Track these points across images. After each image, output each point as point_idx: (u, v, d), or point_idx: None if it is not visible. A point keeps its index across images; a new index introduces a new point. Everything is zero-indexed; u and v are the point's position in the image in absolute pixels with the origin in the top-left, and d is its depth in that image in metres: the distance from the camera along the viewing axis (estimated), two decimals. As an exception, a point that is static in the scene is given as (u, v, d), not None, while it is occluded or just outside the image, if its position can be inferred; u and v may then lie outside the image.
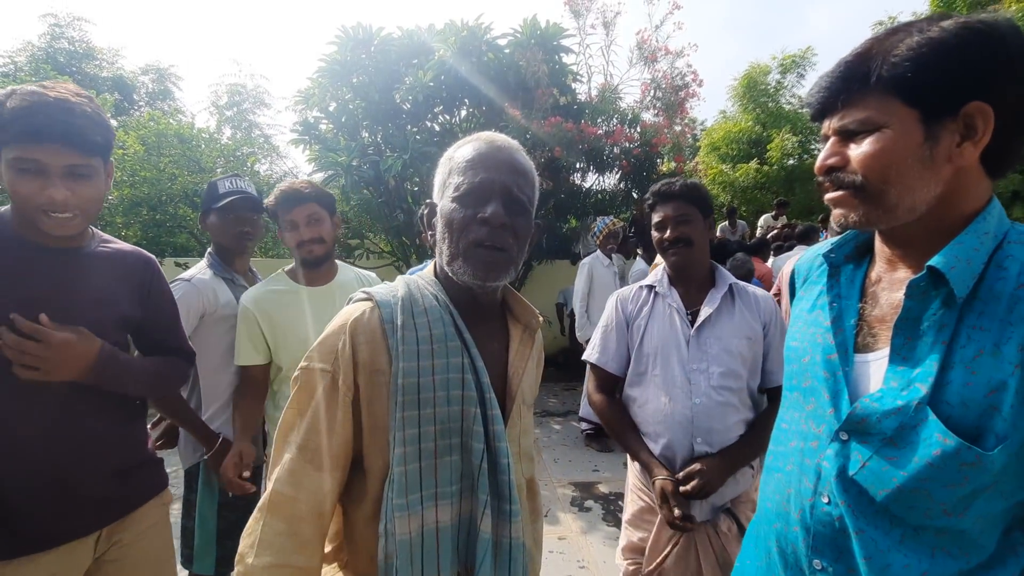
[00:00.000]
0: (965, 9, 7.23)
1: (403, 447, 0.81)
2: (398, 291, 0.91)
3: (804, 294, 0.99)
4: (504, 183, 0.88)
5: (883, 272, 0.86)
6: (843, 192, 0.79)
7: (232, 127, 7.99)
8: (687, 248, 1.61)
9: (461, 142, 0.95)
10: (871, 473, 0.75)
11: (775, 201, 8.50)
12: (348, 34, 5.70)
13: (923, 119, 0.72)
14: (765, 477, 0.96)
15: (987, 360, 0.69)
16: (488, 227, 0.85)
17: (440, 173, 0.94)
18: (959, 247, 0.73)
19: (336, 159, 5.41)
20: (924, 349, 0.74)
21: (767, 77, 11.38)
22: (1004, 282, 0.71)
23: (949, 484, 0.69)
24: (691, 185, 1.65)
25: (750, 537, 1.02)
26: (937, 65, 0.70)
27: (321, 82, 5.93)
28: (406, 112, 5.97)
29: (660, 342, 1.62)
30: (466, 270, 0.87)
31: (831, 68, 0.79)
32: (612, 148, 5.94)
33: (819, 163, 0.82)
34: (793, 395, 0.93)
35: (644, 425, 1.63)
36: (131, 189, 5.20)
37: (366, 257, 7.10)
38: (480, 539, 0.83)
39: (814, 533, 0.81)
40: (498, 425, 0.87)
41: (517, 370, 0.97)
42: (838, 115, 0.78)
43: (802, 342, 0.92)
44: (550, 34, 5.76)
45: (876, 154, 0.74)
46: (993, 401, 0.68)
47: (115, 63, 13.15)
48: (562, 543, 3.03)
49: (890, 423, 0.73)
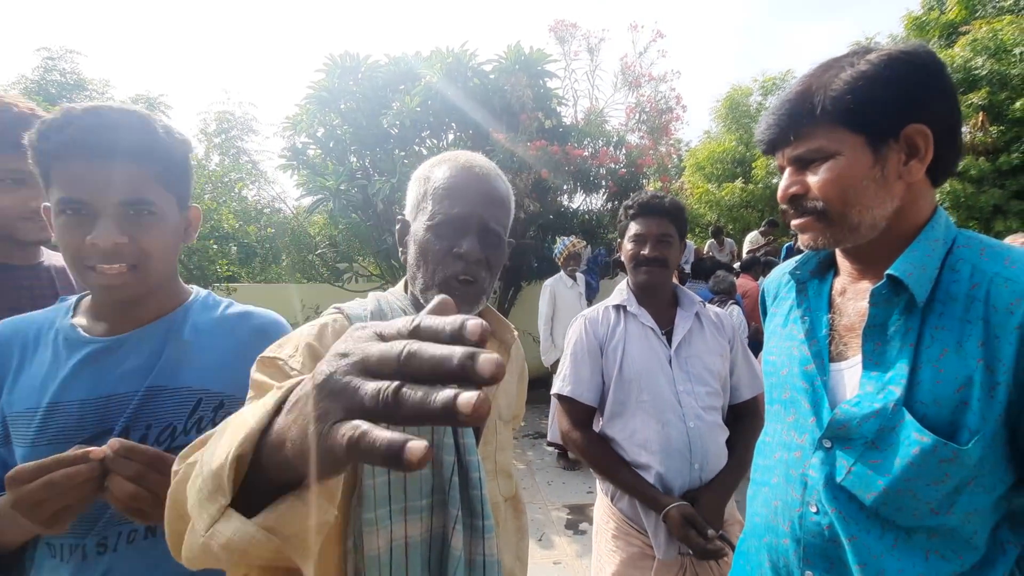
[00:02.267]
0: (937, 31, 7.48)
1: None
2: (368, 306, 0.90)
3: (776, 310, 1.03)
4: (481, 217, 0.87)
5: (847, 284, 0.90)
6: (808, 218, 0.83)
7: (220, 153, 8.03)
8: (662, 269, 1.54)
9: (437, 160, 0.93)
10: (857, 478, 0.76)
11: (765, 221, 8.61)
12: (336, 62, 5.78)
13: (869, 143, 0.77)
14: (752, 491, 0.97)
15: (952, 358, 0.72)
16: (463, 262, 0.85)
17: (414, 190, 0.92)
18: (913, 255, 0.78)
19: (324, 183, 5.44)
20: (893, 353, 0.77)
21: (749, 99, 11.65)
22: (958, 284, 0.75)
23: (932, 482, 0.71)
24: (677, 205, 1.59)
25: (740, 554, 1.01)
26: (873, 94, 0.76)
27: (309, 108, 5.99)
28: (394, 137, 6.02)
29: (643, 365, 1.51)
30: None
31: (774, 106, 0.85)
32: (598, 169, 6.01)
33: (781, 192, 0.86)
34: (775, 408, 0.95)
35: (633, 457, 1.48)
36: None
37: (355, 280, 7.09)
38: (451, 555, 0.80)
39: (805, 544, 0.81)
40: (468, 438, 0.85)
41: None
42: (790, 147, 0.83)
43: (779, 356, 0.94)
44: (534, 59, 5.88)
45: (833, 180, 0.79)
46: (963, 396, 0.71)
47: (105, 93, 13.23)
48: (558, 568, 2.96)
49: (870, 426, 0.76)
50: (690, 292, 1.65)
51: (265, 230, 6.77)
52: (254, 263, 7.63)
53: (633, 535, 1.49)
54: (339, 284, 7.12)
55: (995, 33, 6.37)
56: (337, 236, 6.99)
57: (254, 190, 8.01)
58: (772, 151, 0.88)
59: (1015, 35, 6.22)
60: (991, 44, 6.42)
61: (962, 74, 6.62)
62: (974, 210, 6.18)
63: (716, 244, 8.45)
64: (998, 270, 0.74)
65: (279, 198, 8.18)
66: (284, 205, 8.10)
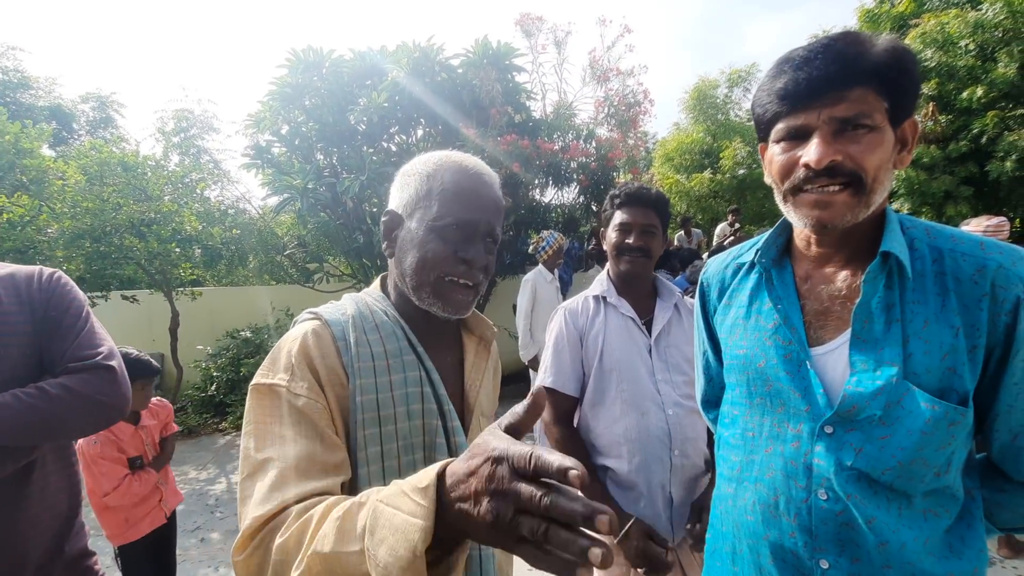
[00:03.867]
0: (889, 24, 7.73)
1: (366, 467, 0.77)
2: (347, 309, 0.88)
3: (730, 303, 1.01)
4: (490, 223, 0.87)
5: (811, 270, 0.90)
6: (844, 191, 0.77)
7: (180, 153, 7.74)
8: (645, 259, 1.55)
9: (442, 160, 0.90)
10: (869, 457, 0.77)
11: (728, 209, 8.81)
12: (299, 57, 5.64)
13: (891, 123, 0.77)
14: (735, 489, 0.93)
15: (934, 328, 0.76)
16: (466, 267, 0.85)
17: (412, 186, 0.89)
18: (892, 234, 0.80)
19: (291, 182, 5.31)
20: (880, 330, 0.79)
21: (716, 91, 11.85)
22: (922, 261, 0.80)
23: (940, 446, 0.75)
24: (664, 198, 1.60)
25: (719, 555, 0.98)
26: (911, 77, 0.76)
27: (272, 105, 5.83)
28: (361, 133, 5.92)
29: (622, 355, 1.53)
30: (434, 302, 0.86)
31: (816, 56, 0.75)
32: (569, 163, 6.04)
33: (819, 156, 0.76)
34: (756, 401, 0.92)
35: (614, 447, 1.50)
36: (72, 221, 4.94)
37: (326, 281, 6.95)
38: None
39: (817, 534, 0.80)
40: (459, 437, 0.85)
41: (474, 382, 0.95)
42: (838, 106, 0.75)
43: (749, 349, 0.93)
44: (502, 53, 5.85)
45: (876, 152, 0.76)
46: (949, 363, 0.75)
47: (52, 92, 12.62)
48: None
49: (878, 403, 0.77)
50: (669, 283, 1.67)
51: (230, 231, 6.56)
52: (219, 266, 7.41)
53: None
54: (309, 285, 6.97)
55: (942, 26, 6.63)
56: (306, 236, 6.84)
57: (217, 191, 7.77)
58: (803, 108, 0.78)
59: (960, 28, 6.49)
60: (939, 37, 6.67)
61: (913, 65, 6.86)
62: (927, 196, 6.44)
63: (684, 235, 8.60)
64: (951, 247, 0.80)
65: (244, 198, 7.96)
66: (249, 205, 7.88)
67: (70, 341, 1.11)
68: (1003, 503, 0.84)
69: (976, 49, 6.56)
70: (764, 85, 0.83)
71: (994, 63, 6.41)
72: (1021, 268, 0.75)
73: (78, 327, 1.14)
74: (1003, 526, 0.86)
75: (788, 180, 0.82)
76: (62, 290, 1.16)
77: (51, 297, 1.14)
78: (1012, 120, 6.11)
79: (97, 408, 1.09)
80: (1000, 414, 0.78)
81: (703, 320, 1.12)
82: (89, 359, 1.11)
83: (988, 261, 0.76)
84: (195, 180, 6.47)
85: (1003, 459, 0.81)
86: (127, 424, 2.21)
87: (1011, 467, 0.81)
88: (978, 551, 0.79)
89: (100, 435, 2.06)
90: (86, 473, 2.03)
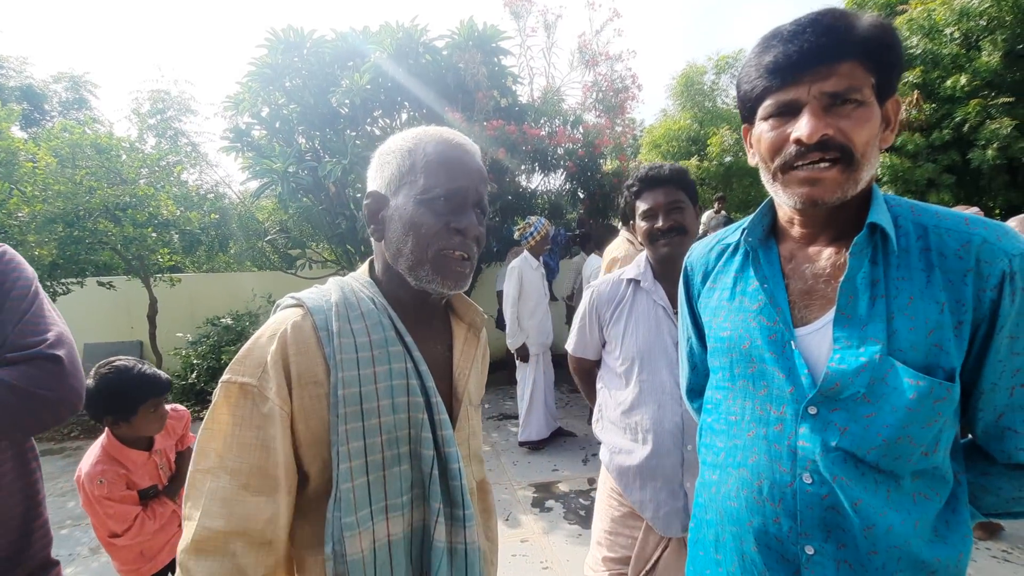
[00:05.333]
0: (876, 10, 7.74)
1: (348, 462, 0.75)
2: (331, 295, 0.84)
3: (714, 286, 1.00)
4: (478, 191, 0.86)
5: (795, 250, 0.89)
6: (834, 167, 0.75)
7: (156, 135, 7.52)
8: (681, 237, 1.48)
9: (419, 134, 0.88)
10: (855, 436, 0.76)
11: (714, 196, 8.82)
12: (278, 37, 5.48)
13: (878, 100, 0.76)
14: (719, 476, 0.92)
15: (919, 304, 0.75)
16: (460, 237, 0.83)
17: (393, 163, 0.86)
18: (879, 208, 0.79)
19: (271, 166, 5.18)
20: (864, 306, 0.78)
21: (703, 77, 11.81)
22: (907, 238, 0.79)
23: (926, 423, 0.74)
24: (680, 169, 1.53)
25: (703, 544, 0.97)
26: (896, 54, 0.75)
27: (252, 86, 5.67)
28: (344, 116, 5.79)
29: (645, 345, 1.50)
30: (433, 278, 0.83)
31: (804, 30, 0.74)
32: (556, 149, 5.97)
33: (811, 130, 0.74)
34: (739, 384, 0.90)
35: (629, 430, 1.52)
36: (44, 205, 4.77)
37: (309, 267, 6.85)
38: (435, 548, 0.80)
39: (802, 519, 0.79)
40: (447, 430, 0.83)
41: (463, 371, 0.93)
42: (828, 80, 0.73)
43: (734, 330, 0.91)
44: (488, 36, 5.74)
45: (866, 127, 0.75)
46: (935, 339, 0.74)
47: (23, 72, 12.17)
48: (524, 545, 2.99)
49: (862, 380, 0.75)
50: None
51: (209, 216, 6.40)
52: (198, 252, 7.25)
53: (623, 497, 1.55)
54: (292, 271, 6.86)
55: (929, 13, 6.65)
56: (288, 221, 6.72)
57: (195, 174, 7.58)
58: (792, 83, 0.76)
59: (946, 16, 6.51)
60: (925, 24, 6.70)
61: (899, 53, 6.88)
62: (910, 183, 6.50)
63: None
64: (936, 223, 0.79)
65: (223, 182, 7.80)
66: (229, 190, 7.72)
67: (11, 327, 0.98)
68: (987, 487, 0.83)
69: (961, 37, 6.59)
70: (751, 61, 0.81)
71: (978, 51, 6.46)
72: (1007, 242, 0.74)
73: (21, 309, 1.00)
74: (988, 511, 0.85)
75: (778, 157, 0.80)
76: (4, 267, 1.02)
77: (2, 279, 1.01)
78: (994, 109, 6.17)
79: (40, 405, 0.96)
80: (984, 392, 0.77)
81: (687, 306, 1.10)
82: (32, 347, 0.98)
83: (973, 236, 0.75)
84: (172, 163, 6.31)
85: (987, 440, 0.80)
86: (138, 452, 1.76)
87: (995, 448, 0.80)
88: (963, 536, 0.78)
89: (106, 472, 1.68)
90: (89, 511, 1.69)
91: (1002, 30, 6.20)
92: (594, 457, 4.18)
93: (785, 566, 0.81)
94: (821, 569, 0.78)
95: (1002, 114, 6.09)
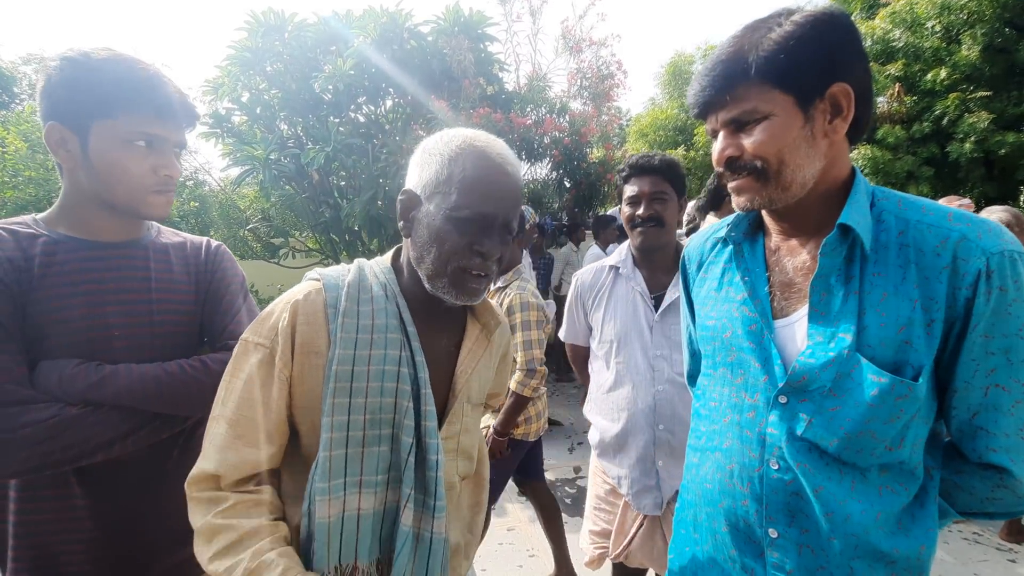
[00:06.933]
0: (859, 3, 7.78)
1: (330, 432, 0.81)
2: (348, 276, 0.89)
3: (706, 276, 1.03)
4: (508, 217, 0.87)
5: (779, 243, 0.91)
6: (746, 179, 0.83)
7: (132, 120, 7.30)
8: (658, 228, 1.54)
9: (466, 143, 0.87)
10: (818, 428, 0.78)
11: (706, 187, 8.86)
12: (258, 20, 5.33)
13: (799, 103, 0.78)
14: (698, 459, 0.96)
15: (892, 300, 0.76)
16: (481, 259, 0.85)
17: (432, 167, 0.87)
18: (854, 206, 0.80)
19: (253, 152, 5.07)
20: (837, 302, 0.79)
21: (691, 66, 11.80)
22: (887, 233, 0.80)
23: (888, 419, 0.75)
24: (670, 161, 1.58)
25: (683, 523, 1.02)
26: (803, 54, 0.76)
27: (232, 71, 5.52)
28: (327, 103, 5.68)
29: (621, 329, 1.57)
30: (449, 291, 0.87)
31: (705, 69, 0.83)
32: (543, 138, 5.94)
33: (717, 155, 0.85)
34: (719, 372, 0.94)
35: (607, 408, 1.59)
36: (14, 191, 4.63)
37: (292, 256, 6.75)
38: (400, 530, 0.84)
39: (767, 502, 0.82)
40: (430, 421, 0.86)
41: (466, 369, 0.96)
42: (724, 110, 0.82)
43: (719, 320, 0.95)
44: (474, 22, 5.66)
45: (769, 139, 0.79)
46: (904, 336, 0.75)
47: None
48: (511, 534, 3.02)
49: (828, 375, 0.78)
50: None
51: (188, 204, 6.27)
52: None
53: (605, 474, 1.65)
54: (275, 260, 6.76)
55: (911, 6, 6.72)
56: (270, 210, 6.59)
57: (174, 160, 7.38)
58: (705, 115, 0.86)
59: (928, 9, 6.58)
60: (907, 17, 6.77)
61: (881, 45, 6.94)
62: (890, 175, 6.60)
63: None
64: (919, 218, 0.79)
65: (203, 169, 7.60)
66: (209, 177, 7.53)
67: (231, 317, 1.14)
68: (961, 485, 0.85)
69: (942, 30, 6.67)
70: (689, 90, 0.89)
71: (958, 45, 6.55)
72: (987, 240, 0.74)
73: (237, 304, 1.17)
74: (963, 510, 0.87)
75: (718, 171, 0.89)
76: (226, 264, 1.20)
77: (216, 270, 1.17)
78: (972, 102, 6.28)
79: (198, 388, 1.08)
80: (958, 390, 0.78)
81: (685, 294, 1.13)
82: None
83: (952, 232, 0.76)
84: (149, 149, 6.12)
85: (961, 438, 0.82)
86: None
87: (967, 447, 0.81)
88: (926, 530, 0.80)
89: None
90: None
91: (981, 24, 6.29)
92: (579, 446, 4.22)
93: (751, 547, 0.85)
94: (783, 552, 0.81)
95: (980, 108, 6.20)
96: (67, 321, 0.95)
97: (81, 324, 0.96)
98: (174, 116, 1.02)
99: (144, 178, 1.00)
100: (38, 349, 0.93)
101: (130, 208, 1.03)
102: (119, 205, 1.02)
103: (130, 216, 1.05)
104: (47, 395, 0.90)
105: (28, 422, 0.86)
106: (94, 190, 1.00)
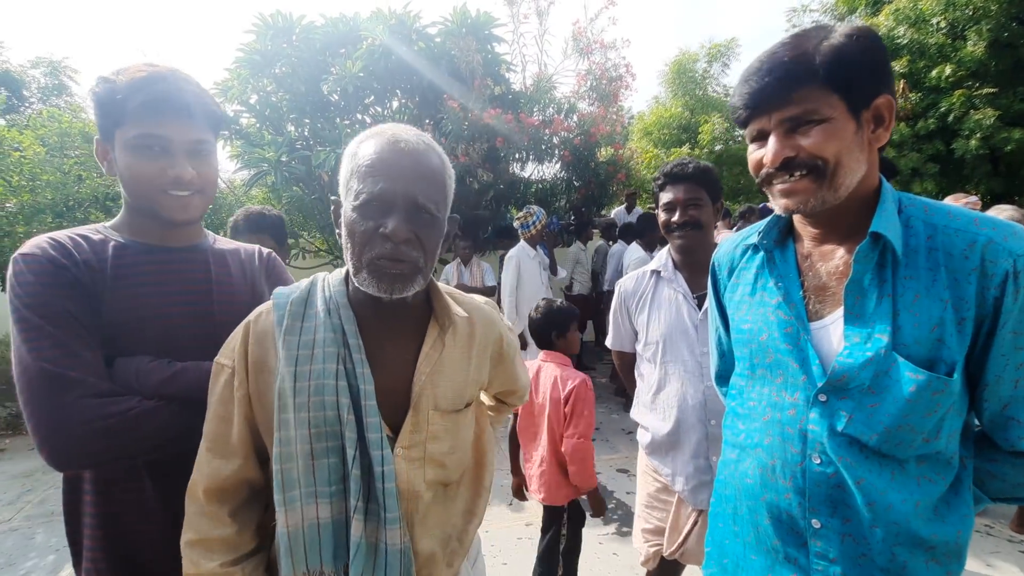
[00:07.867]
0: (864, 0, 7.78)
1: (279, 447, 0.84)
2: (295, 293, 0.92)
3: (738, 281, 1.07)
4: (407, 193, 0.82)
5: (811, 248, 0.95)
6: (803, 180, 0.85)
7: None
8: (695, 231, 1.60)
9: (364, 136, 0.88)
10: (859, 423, 0.82)
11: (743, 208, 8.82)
12: (267, 22, 5.39)
13: (851, 111, 0.81)
14: (739, 456, 0.99)
15: (924, 302, 0.80)
16: (391, 243, 0.82)
17: (343, 169, 0.88)
18: (884, 214, 0.84)
19: (263, 155, 5.12)
20: (871, 304, 0.83)
21: (695, 65, 11.79)
22: (916, 238, 0.84)
23: (925, 413, 0.79)
24: (703, 168, 1.63)
25: (722, 516, 1.05)
26: (863, 64, 0.80)
27: (240, 73, 5.57)
28: (335, 104, 5.73)
29: (667, 330, 1.62)
30: (371, 283, 0.84)
31: (761, 70, 0.85)
32: (552, 138, 5.97)
33: (773, 156, 0.85)
34: (758, 373, 0.98)
35: (656, 405, 1.64)
36: (31, 195, 4.68)
37: (302, 257, 6.80)
38: (351, 540, 0.85)
39: (810, 495, 0.86)
40: (373, 433, 0.85)
41: (421, 375, 0.92)
42: (784, 109, 0.83)
43: (755, 323, 0.98)
44: (481, 23, 5.69)
45: (831, 140, 0.81)
46: (937, 335, 0.80)
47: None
48: (529, 529, 3.06)
49: (867, 374, 0.82)
50: None
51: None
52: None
53: (656, 472, 1.69)
54: (286, 261, 6.79)
55: (916, 3, 6.71)
56: (281, 211, 6.64)
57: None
58: (757, 115, 0.87)
59: (933, 5, 6.58)
60: (912, 14, 6.76)
61: (886, 43, 6.93)
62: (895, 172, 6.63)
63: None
64: (946, 223, 0.84)
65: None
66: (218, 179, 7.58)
67: None
68: (994, 472, 0.90)
69: (947, 27, 6.67)
70: (736, 90, 0.90)
71: (963, 41, 6.54)
72: (1013, 243, 0.79)
73: None
74: (995, 496, 0.92)
75: (758, 175, 0.90)
76: (278, 270, 1.27)
77: (268, 277, 1.23)
78: (978, 99, 6.27)
79: None
80: (989, 384, 0.83)
81: (715, 298, 1.17)
82: None
83: (979, 236, 0.80)
84: (161, 152, 6.16)
85: (993, 428, 0.86)
86: None
87: (1000, 437, 0.86)
88: (962, 516, 0.84)
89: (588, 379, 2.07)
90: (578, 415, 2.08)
91: (987, 20, 6.27)
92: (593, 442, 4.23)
93: (794, 537, 0.89)
94: (827, 541, 0.85)
95: (986, 104, 6.19)
96: (138, 320, 1.00)
97: (150, 323, 1.01)
98: (178, 116, 1.02)
99: (154, 180, 1.02)
100: (112, 347, 0.98)
101: (151, 211, 1.05)
102: (142, 208, 1.05)
103: (156, 219, 1.06)
104: (125, 389, 0.95)
105: (111, 413, 0.91)
106: (127, 196, 1.06)
